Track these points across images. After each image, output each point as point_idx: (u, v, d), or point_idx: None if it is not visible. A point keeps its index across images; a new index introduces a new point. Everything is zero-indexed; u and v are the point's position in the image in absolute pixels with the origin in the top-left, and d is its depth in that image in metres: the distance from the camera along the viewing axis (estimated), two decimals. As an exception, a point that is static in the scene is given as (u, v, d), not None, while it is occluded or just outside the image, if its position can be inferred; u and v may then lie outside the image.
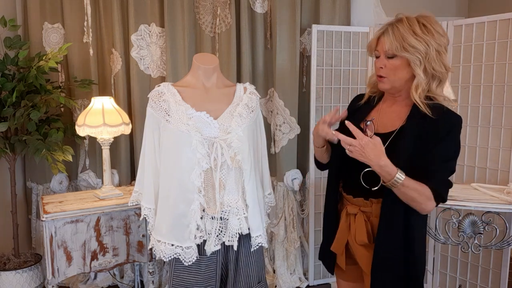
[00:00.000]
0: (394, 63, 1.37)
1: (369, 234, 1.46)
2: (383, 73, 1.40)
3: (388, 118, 1.47)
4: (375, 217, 1.45)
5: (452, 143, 1.38)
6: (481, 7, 3.93)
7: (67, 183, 2.92)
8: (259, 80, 2.95)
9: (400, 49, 1.33)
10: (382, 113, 1.50)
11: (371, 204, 1.46)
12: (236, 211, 1.62)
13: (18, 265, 2.67)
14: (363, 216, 1.47)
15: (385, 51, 1.37)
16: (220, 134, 1.61)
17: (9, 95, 2.44)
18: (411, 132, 1.38)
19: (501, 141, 2.50)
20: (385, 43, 1.37)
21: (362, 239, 1.46)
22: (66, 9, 2.77)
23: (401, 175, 1.30)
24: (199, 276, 1.64)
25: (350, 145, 1.33)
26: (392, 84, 1.41)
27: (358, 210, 1.48)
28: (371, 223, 1.46)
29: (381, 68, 1.40)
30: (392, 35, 1.34)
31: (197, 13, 2.84)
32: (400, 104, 1.47)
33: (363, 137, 1.32)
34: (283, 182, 2.97)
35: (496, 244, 2.25)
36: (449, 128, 1.36)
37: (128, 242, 2.30)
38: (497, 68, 2.48)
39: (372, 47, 1.44)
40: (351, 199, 1.51)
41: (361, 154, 1.32)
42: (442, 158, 1.35)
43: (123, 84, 2.83)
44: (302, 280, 3.01)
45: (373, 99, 1.56)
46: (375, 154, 1.30)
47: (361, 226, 1.46)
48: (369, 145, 1.30)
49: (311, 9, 2.96)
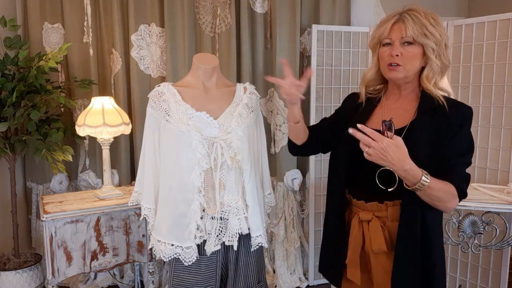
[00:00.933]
0: (412, 50, 1.32)
1: (387, 240, 1.35)
2: (399, 61, 1.33)
3: (396, 115, 1.38)
4: (391, 221, 1.35)
5: (466, 136, 1.33)
6: (481, 7, 3.93)
7: (67, 183, 2.92)
8: (259, 80, 2.95)
9: (421, 35, 1.29)
10: (387, 110, 1.44)
11: (387, 208, 1.36)
12: (236, 211, 1.62)
13: (18, 265, 2.67)
14: (379, 221, 1.36)
15: (402, 37, 1.32)
16: (220, 134, 1.61)
17: (9, 95, 2.44)
18: (423, 127, 1.32)
19: (501, 141, 2.50)
20: (404, 29, 1.31)
21: (379, 247, 1.35)
22: (66, 9, 2.77)
23: (426, 178, 1.22)
24: (199, 276, 1.64)
25: (370, 147, 1.21)
26: (407, 73, 1.34)
27: (372, 215, 1.37)
28: (388, 228, 1.36)
29: (397, 55, 1.32)
30: (413, 21, 1.30)
31: (197, 13, 2.84)
32: (406, 98, 1.41)
33: (383, 139, 1.20)
34: (283, 182, 2.97)
35: (496, 244, 2.25)
36: (462, 121, 1.32)
37: (128, 242, 2.30)
38: (497, 68, 2.48)
39: (383, 35, 1.36)
40: (363, 204, 1.40)
41: (382, 158, 1.20)
42: (458, 153, 1.30)
43: (123, 84, 2.83)
44: (302, 280, 3.01)
45: (372, 99, 1.49)
46: (399, 158, 1.19)
47: (377, 233, 1.35)
48: (392, 147, 1.19)
49: (311, 9, 2.97)
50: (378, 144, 1.19)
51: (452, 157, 1.29)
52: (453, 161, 1.29)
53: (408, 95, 1.41)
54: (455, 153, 1.29)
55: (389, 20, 1.35)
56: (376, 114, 1.46)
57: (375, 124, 1.41)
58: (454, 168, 1.29)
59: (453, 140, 1.30)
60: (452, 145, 1.29)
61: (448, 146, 1.30)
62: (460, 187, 1.29)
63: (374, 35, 1.40)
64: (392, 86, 1.45)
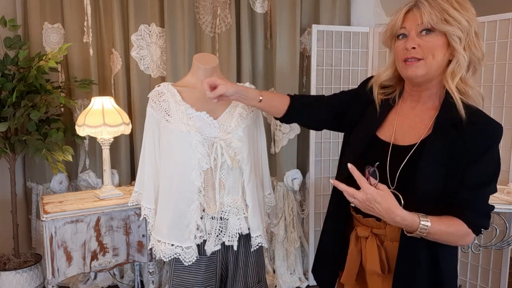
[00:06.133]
0: (432, 40, 1.10)
1: (383, 261, 1.21)
2: (417, 54, 1.11)
3: (410, 125, 1.21)
4: (389, 241, 1.21)
5: (492, 162, 1.13)
6: (481, 7, 3.92)
7: (67, 183, 2.92)
8: (259, 80, 2.95)
9: (441, 21, 1.07)
10: (402, 117, 1.24)
11: (385, 226, 1.21)
12: (236, 211, 1.62)
13: (18, 265, 2.67)
14: (376, 240, 1.22)
15: (419, 24, 1.10)
16: (220, 134, 1.61)
17: (9, 95, 2.44)
18: (438, 147, 1.12)
19: (501, 141, 2.49)
20: (420, 16, 1.10)
21: (373, 268, 1.22)
22: (66, 9, 2.77)
23: (425, 223, 1.07)
24: (199, 276, 1.64)
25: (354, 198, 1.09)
26: (429, 69, 1.12)
27: (369, 232, 1.24)
28: (385, 248, 1.22)
29: (413, 48, 1.11)
30: (430, 6, 1.09)
31: (197, 13, 2.84)
32: (425, 104, 1.20)
33: (368, 189, 1.07)
34: (283, 182, 2.97)
35: (496, 244, 2.25)
36: (489, 143, 1.12)
37: (128, 242, 2.30)
38: (497, 68, 2.48)
39: (396, 25, 1.15)
40: (361, 218, 1.27)
41: (369, 210, 1.09)
42: (479, 182, 1.10)
43: (123, 84, 2.83)
44: (302, 280, 3.01)
45: (390, 100, 1.28)
46: (386, 210, 1.06)
47: (372, 252, 1.21)
48: (377, 199, 1.06)
49: (311, 9, 2.97)
50: (361, 195, 1.07)
51: (471, 188, 1.10)
52: (472, 193, 1.11)
53: (430, 98, 1.20)
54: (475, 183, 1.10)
55: (402, 9, 1.15)
56: (389, 120, 1.26)
57: (385, 134, 1.25)
58: (471, 201, 1.11)
59: (474, 165, 1.10)
60: (472, 172, 1.10)
61: (467, 173, 1.10)
62: (476, 223, 1.12)
63: (387, 28, 1.20)
64: (410, 87, 1.23)
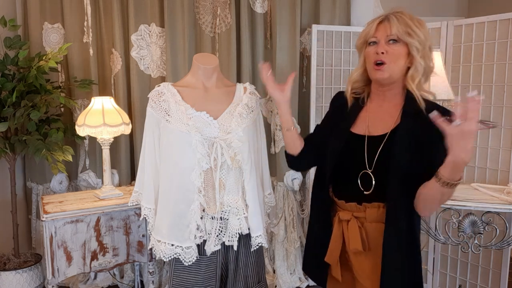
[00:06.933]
0: (397, 49, 1.34)
1: (364, 241, 1.39)
2: (384, 59, 1.34)
3: (380, 118, 1.42)
4: (369, 222, 1.39)
5: None
6: (481, 7, 3.93)
7: (67, 183, 2.92)
8: (259, 80, 2.95)
9: (405, 33, 1.32)
10: (372, 113, 1.45)
11: (365, 209, 1.39)
12: (236, 211, 1.62)
13: (18, 265, 2.67)
14: (357, 222, 1.40)
15: (388, 35, 1.34)
16: (220, 134, 1.61)
17: (9, 95, 2.44)
18: (406, 133, 1.33)
19: (501, 141, 2.50)
20: (389, 28, 1.34)
21: (356, 247, 1.38)
22: (66, 9, 2.77)
23: None
24: (199, 276, 1.64)
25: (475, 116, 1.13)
26: (391, 73, 1.35)
27: (351, 216, 1.41)
28: (365, 229, 1.40)
29: (382, 53, 1.34)
30: (397, 21, 1.33)
31: (197, 13, 2.84)
32: (390, 101, 1.42)
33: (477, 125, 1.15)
34: (283, 182, 2.97)
35: (496, 244, 2.25)
36: None
37: (128, 242, 2.30)
38: (497, 68, 2.48)
39: (369, 34, 1.38)
40: (343, 204, 1.44)
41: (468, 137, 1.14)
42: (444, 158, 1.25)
43: (123, 84, 2.83)
44: (302, 280, 3.01)
45: (359, 100, 1.49)
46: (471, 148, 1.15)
47: (354, 233, 1.39)
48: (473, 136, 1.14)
49: (311, 9, 2.97)
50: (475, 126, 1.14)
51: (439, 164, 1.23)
52: None
53: (393, 97, 1.42)
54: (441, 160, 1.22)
55: (375, 20, 1.38)
56: (361, 118, 1.47)
57: (359, 129, 1.44)
58: None
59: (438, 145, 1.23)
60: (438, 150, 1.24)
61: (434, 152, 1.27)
62: None
63: (361, 35, 1.42)
64: (376, 87, 1.45)
